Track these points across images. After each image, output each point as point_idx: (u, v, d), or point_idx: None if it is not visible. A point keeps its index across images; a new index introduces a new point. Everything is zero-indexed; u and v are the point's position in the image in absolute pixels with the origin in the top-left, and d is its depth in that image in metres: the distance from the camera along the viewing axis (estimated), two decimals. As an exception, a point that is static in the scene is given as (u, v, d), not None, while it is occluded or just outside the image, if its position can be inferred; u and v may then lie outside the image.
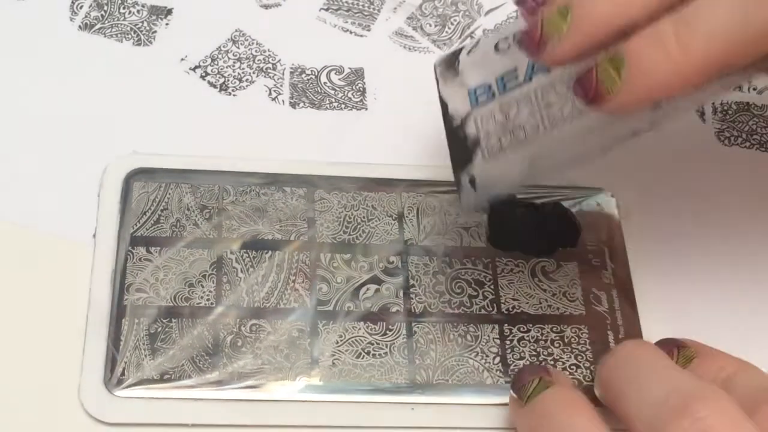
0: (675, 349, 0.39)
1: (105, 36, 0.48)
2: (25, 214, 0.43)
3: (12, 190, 0.43)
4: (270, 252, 0.43)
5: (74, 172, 0.44)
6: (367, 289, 0.42)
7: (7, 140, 0.45)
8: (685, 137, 0.48)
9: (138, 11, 0.49)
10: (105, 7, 0.49)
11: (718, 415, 0.33)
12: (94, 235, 0.42)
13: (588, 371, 0.41)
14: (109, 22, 0.49)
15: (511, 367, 0.41)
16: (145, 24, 0.49)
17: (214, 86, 0.48)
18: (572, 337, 0.42)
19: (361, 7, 0.51)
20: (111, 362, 0.39)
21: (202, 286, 0.42)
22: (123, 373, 0.39)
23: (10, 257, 0.42)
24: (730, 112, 0.49)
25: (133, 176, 0.44)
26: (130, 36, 0.49)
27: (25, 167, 0.44)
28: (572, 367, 0.41)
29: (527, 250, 0.44)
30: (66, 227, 0.42)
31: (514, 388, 0.39)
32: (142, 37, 0.48)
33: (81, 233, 0.42)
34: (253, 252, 0.43)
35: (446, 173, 0.46)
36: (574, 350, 0.42)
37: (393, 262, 0.43)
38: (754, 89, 0.50)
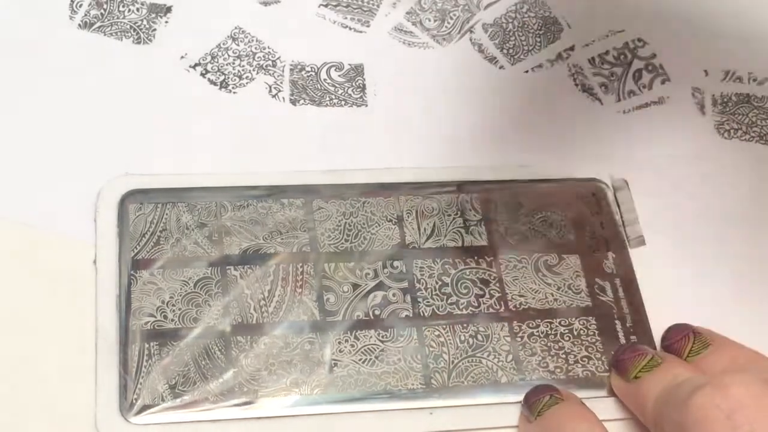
0: (690, 334, 0.40)
1: (105, 34, 0.48)
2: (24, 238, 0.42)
3: (9, 198, 0.43)
4: (273, 266, 0.42)
5: (70, 186, 0.44)
6: (375, 296, 0.42)
7: (6, 144, 0.44)
8: (685, 130, 0.49)
9: (137, 9, 0.49)
10: (104, 6, 0.48)
11: (740, 383, 0.35)
12: (95, 262, 0.42)
13: (600, 362, 0.42)
14: (108, 20, 0.48)
15: (524, 364, 0.41)
16: (145, 22, 0.48)
17: (215, 84, 0.47)
18: (581, 329, 0.42)
19: (360, 2, 0.50)
20: (124, 389, 0.39)
21: (209, 305, 0.41)
22: (137, 400, 0.39)
23: (8, 289, 0.41)
24: (729, 104, 0.49)
25: (128, 198, 0.43)
26: (129, 34, 0.48)
27: (20, 178, 0.44)
28: (584, 359, 0.42)
29: None
30: (64, 252, 0.42)
31: (525, 405, 0.39)
32: (142, 36, 0.48)
33: (81, 259, 0.42)
34: (257, 267, 0.42)
35: (442, 173, 0.46)
36: (584, 342, 0.42)
37: (397, 266, 0.43)
38: (754, 80, 0.50)
